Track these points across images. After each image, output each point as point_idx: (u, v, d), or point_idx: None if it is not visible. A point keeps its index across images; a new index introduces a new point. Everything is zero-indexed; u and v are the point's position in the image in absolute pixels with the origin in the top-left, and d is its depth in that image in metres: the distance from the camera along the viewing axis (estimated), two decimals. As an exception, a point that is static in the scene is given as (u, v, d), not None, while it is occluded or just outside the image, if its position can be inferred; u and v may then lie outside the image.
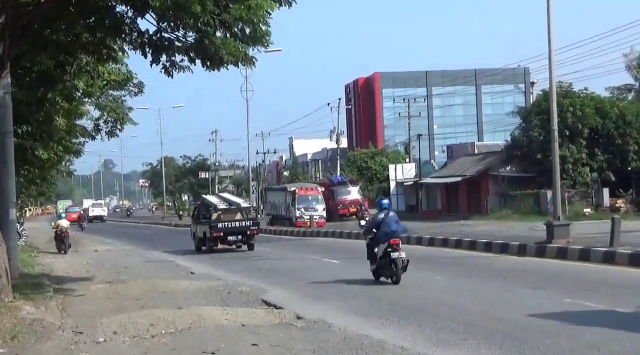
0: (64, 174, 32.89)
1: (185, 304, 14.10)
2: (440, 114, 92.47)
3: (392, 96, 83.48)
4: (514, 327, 10.52)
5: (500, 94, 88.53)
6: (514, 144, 48.49)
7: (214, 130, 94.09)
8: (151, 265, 24.38)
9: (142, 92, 21.61)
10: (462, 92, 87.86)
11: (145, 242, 40.05)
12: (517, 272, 17.99)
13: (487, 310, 12.15)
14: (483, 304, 12.87)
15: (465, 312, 12.05)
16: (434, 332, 10.54)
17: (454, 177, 51.65)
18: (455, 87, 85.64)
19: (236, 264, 23.71)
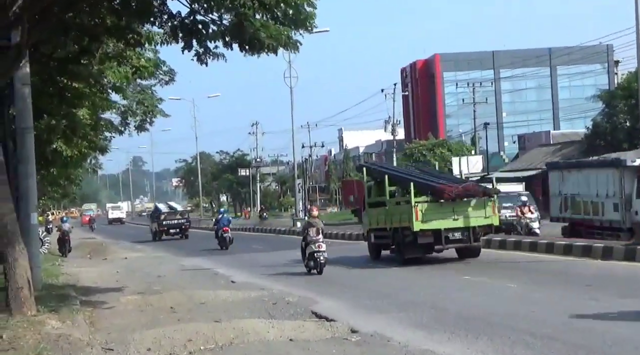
0: (89, 171, 33.45)
1: (226, 316, 14.17)
2: (509, 100, 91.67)
3: (454, 80, 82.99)
4: (601, 342, 10.35)
5: (579, 75, 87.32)
6: (595, 132, 47.85)
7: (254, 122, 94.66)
8: (187, 274, 24.60)
9: (173, 80, 21.83)
10: (534, 74, 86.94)
11: (180, 248, 40.42)
12: (602, 278, 17.71)
13: (569, 322, 11.98)
14: (563, 314, 12.69)
15: (542, 324, 11.90)
16: (507, 347, 10.43)
17: (527, 171, 51.12)
18: (526, 69, 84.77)
19: (282, 272, 23.76)
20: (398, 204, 24.47)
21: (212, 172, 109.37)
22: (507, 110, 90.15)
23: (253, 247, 37.61)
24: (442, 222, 22.90)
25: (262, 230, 56.73)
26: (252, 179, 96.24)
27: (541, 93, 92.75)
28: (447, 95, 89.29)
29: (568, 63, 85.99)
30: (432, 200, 23.01)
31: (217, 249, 35.77)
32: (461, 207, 23.03)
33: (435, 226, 22.85)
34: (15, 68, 14.31)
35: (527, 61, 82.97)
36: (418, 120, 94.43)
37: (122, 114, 24.46)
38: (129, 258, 34.10)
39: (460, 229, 23.11)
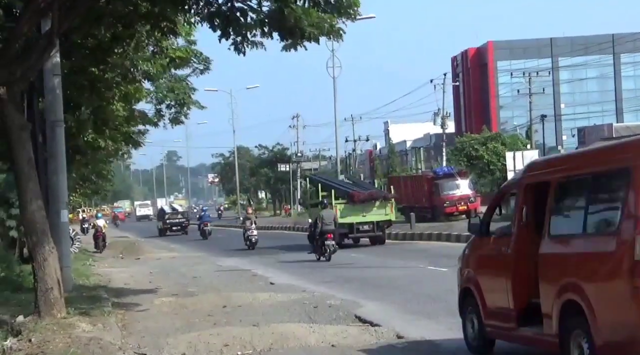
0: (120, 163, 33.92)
1: (265, 320, 14.26)
2: (569, 90, 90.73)
3: (509, 69, 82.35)
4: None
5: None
6: (662, 125, 47.24)
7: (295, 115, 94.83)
8: (224, 275, 24.76)
9: (208, 69, 21.92)
10: (596, 62, 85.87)
11: (216, 248, 40.64)
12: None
13: None
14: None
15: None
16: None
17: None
18: (587, 57, 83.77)
19: (324, 274, 23.84)
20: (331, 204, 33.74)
21: (250, 167, 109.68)
22: (566, 102, 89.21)
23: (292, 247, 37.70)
24: (355, 218, 34.31)
25: (303, 229, 56.76)
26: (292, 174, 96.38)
27: (603, 83, 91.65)
28: (501, 86, 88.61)
29: (633, 50, 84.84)
30: (347, 202, 34.46)
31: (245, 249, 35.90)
32: (368, 207, 34.40)
33: (349, 220, 34.26)
34: (45, 58, 14.51)
35: (588, 49, 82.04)
36: (469, 112, 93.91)
37: (156, 103, 24.65)
38: (162, 258, 34.41)
39: (367, 223, 34.60)
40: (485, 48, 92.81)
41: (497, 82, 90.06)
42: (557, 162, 10.27)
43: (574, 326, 8.71)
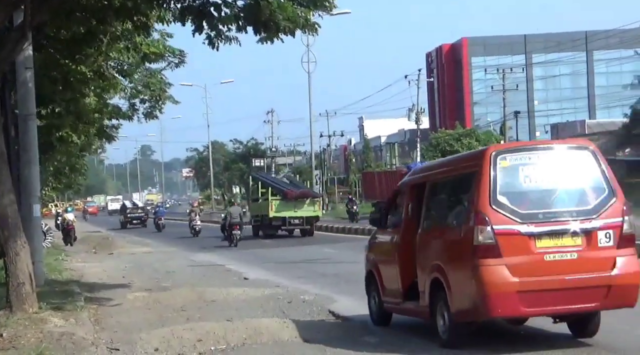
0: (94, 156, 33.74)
1: (239, 315, 14.23)
2: (542, 87, 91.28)
3: (483, 66, 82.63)
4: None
5: (617, 60, 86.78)
6: (635, 121, 47.61)
7: (269, 110, 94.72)
8: (197, 270, 24.71)
9: (183, 62, 21.80)
10: (569, 59, 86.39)
11: (190, 243, 40.56)
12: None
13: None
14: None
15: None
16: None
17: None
18: (560, 54, 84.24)
19: (297, 269, 23.85)
20: (265, 200, 41.40)
21: (224, 162, 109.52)
22: (539, 98, 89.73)
23: (266, 243, 37.70)
24: (287, 212, 40.08)
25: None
26: (267, 169, 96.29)
27: (576, 80, 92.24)
28: (475, 82, 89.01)
29: (605, 47, 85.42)
30: (282, 198, 40.26)
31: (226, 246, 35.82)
32: (300, 204, 40.25)
33: (282, 215, 40.25)
34: (17, 51, 14.39)
35: (561, 45, 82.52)
36: (444, 108, 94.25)
37: (130, 98, 24.51)
38: (136, 253, 34.25)
39: (298, 217, 40.32)
40: (459, 44, 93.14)
41: (471, 79, 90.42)
42: (431, 167, 12.70)
43: (438, 299, 10.72)
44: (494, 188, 10.13)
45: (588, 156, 10.49)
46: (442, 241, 11.01)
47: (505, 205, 10.07)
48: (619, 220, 10.20)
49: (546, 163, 10.41)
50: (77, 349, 11.23)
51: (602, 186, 10.36)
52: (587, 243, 10.11)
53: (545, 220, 10.09)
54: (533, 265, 9.98)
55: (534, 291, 9.93)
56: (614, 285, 10.04)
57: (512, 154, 10.44)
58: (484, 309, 10.01)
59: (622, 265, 10.11)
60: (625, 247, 10.20)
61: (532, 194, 10.30)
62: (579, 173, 10.45)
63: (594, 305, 10.15)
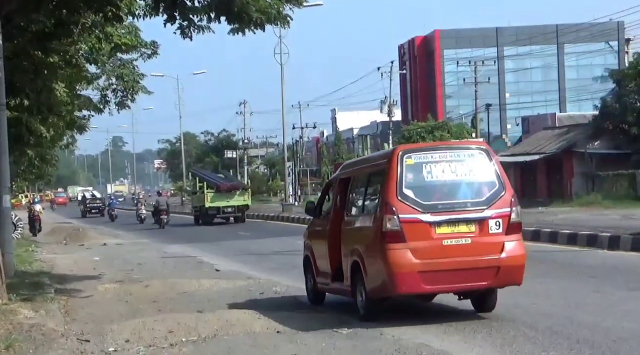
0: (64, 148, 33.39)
1: (210, 307, 14.22)
2: (513, 80, 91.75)
3: (455, 58, 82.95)
4: (605, 336, 10.43)
5: (587, 54, 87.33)
6: (604, 114, 47.90)
7: (242, 101, 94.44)
8: (169, 262, 24.66)
9: (156, 54, 21.68)
10: (540, 52, 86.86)
11: (162, 235, 40.46)
12: (608, 269, 17.81)
13: (572, 315, 12.05)
14: (566, 307, 12.77)
15: (545, 317, 11.97)
16: (506, 341, 10.49)
17: (531, 155, 51.24)
18: (532, 47, 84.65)
19: (269, 261, 23.85)
20: (202, 192, 48.74)
21: (196, 153, 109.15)
22: (511, 91, 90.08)
23: (239, 234, 37.70)
24: (221, 203, 47.85)
25: (249, 216, 56.81)
26: (239, 161, 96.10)
27: (547, 73, 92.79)
28: (447, 74, 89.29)
29: (576, 41, 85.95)
30: (216, 190, 47.95)
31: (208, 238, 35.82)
32: (231, 195, 48.10)
33: (216, 205, 47.98)
34: (-14, 41, 14.22)
35: (533, 38, 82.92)
36: (416, 100, 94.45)
37: (102, 90, 24.33)
38: (108, 244, 34.13)
39: (231, 206, 48.23)
40: (432, 36, 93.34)
41: (443, 71, 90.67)
42: (355, 164, 14.59)
43: (358, 279, 12.30)
44: (401, 182, 11.66)
45: (482, 155, 12.10)
46: (360, 229, 12.56)
47: (410, 197, 11.61)
48: (507, 210, 11.77)
49: (446, 161, 11.93)
50: (47, 340, 11.17)
51: (494, 181, 11.91)
52: (480, 230, 11.67)
53: (444, 210, 11.64)
54: (433, 249, 11.52)
55: (433, 271, 11.50)
56: (502, 266, 11.64)
57: (417, 153, 12.05)
58: (391, 287, 11.59)
59: (510, 249, 11.71)
60: (512, 234, 11.79)
61: (433, 188, 11.82)
62: (474, 170, 11.98)
63: (486, 283, 11.75)
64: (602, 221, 30.12)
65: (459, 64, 73.64)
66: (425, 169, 11.84)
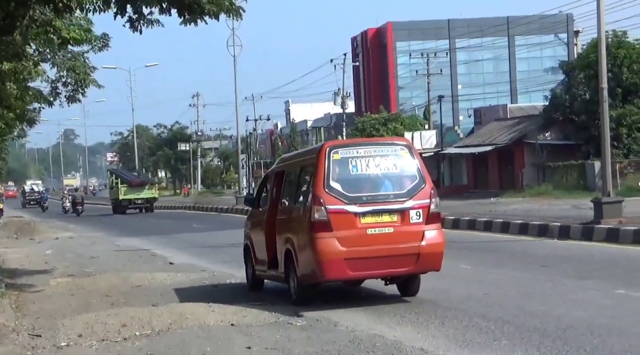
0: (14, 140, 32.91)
1: (164, 300, 14.15)
2: (465, 71, 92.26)
3: (407, 50, 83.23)
4: (555, 325, 10.55)
5: (537, 46, 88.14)
6: (554, 105, 48.41)
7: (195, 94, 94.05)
8: (122, 255, 24.48)
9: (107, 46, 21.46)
10: (491, 44, 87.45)
11: (115, 228, 40.18)
12: (559, 258, 18.03)
13: (523, 304, 12.18)
14: (518, 297, 12.90)
15: (497, 306, 12.09)
16: (459, 331, 10.58)
17: (483, 147, 51.64)
18: (483, 39, 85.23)
19: (223, 253, 23.77)
20: (117, 187, 57.78)
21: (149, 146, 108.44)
22: (463, 83, 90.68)
23: (194, 227, 37.59)
24: (132, 195, 57.09)
25: (204, 209, 56.67)
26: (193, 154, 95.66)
27: (498, 64, 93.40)
28: (400, 66, 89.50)
29: (526, 33, 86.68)
30: (128, 185, 57.33)
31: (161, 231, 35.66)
32: (141, 189, 57.43)
33: (129, 197, 57.15)
34: None
35: (484, 30, 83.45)
36: (369, 92, 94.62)
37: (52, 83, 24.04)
38: (60, 238, 33.80)
39: (141, 199, 57.53)
40: (384, 29, 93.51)
41: (396, 63, 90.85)
42: (289, 158, 15.43)
43: (290, 266, 13.04)
44: (328, 176, 12.38)
45: (405, 151, 12.85)
46: (292, 219, 13.23)
47: (337, 190, 12.33)
48: (427, 202, 12.53)
49: (371, 156, 12.65)
50: (-3, 336, 11.03)
51: (415, 174, 12.66)
52: (402, 220, 12.44)
53: (369, 201, 12.38)
54: (358, 238, 12.27)
55: (358, 258, 12.26)
56: (422, 253, 12.43)
57: (343, 148, 12.79)
58: (319, 273, 12.33)
59: (429, 237, 12.49)
60: (432, 223, 12.59)
61: (358, 181, 12.53)
62: (396, 164, 12.71)
63: (407, 269, 12.59)
64: (553, 211, 30.49)
65: (411, 56, 73.89)
66: (351, 164, 12.55)
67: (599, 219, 22.49)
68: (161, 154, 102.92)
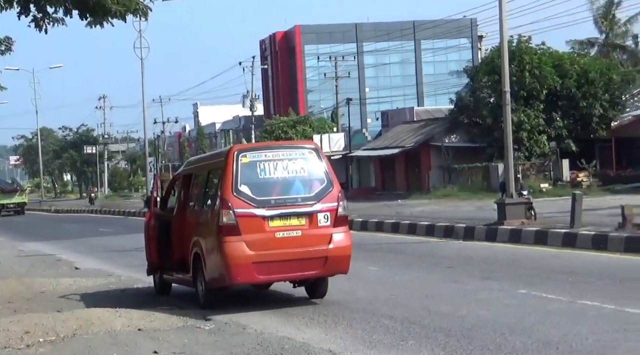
0: None
1: (69, 306, 13.92)
2: (373, 74, 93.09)
3: (316, 53, 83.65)
4: (460, 324, 10.72)
5: (443, 49, 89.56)
6: (460, 108, 49.17)
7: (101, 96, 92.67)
8: (26, 260, 23.96)
9: (10, 50, 21.04)
10: (398, 48, 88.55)
11: (18, 232, 39.32)
12: (463, 259, 18.32)
13: (429, 305, 12.34)
14: (424, 298, 13.06)
15: (403, 307, 12.22)
16: (366, 332, 10.66)
17: (390, 149, 52.20)
18: (390, 43, 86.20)
19: (130, 257, 23.47)
20: None
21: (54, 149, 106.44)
22: (371, 86, 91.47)
23: (100, 231, 36.99)
24: (4, 201, 64.11)
25: (111, 212, 55.87)
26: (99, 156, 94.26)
27: (405, 68, 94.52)
28: (308, 69, 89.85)
29: (432, 37, 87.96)
30: (1, 192, 64.74)
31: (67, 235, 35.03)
32: (12, 195, 65.10)
33: (2, 202, 64.01)
34: None
35: (391, 34, 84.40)
36: (278, 95, 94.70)
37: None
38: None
39: (12, 204, 64.34)
40: (292, 32, 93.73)
41: (305, 66, 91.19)
42: (196, 161, 15.44)
43: (198, 269, 12.94)
44: (236, 179, 12.31)
45: (312, 154, 12.87)
46: (200, 223, 13.21)
47: (245, 193, 12.28)
48: (335, 205, 12.56)
49: (279, 159, 12.65)
50: None
51: (323, 178, 12.68)
52: (310, 223, 12.47)
53: (277, 205, 12.39)
54: (266, 241, 12.25)
55: (266, 262, 12.24)
56: (330, 256, 12.47)
57: (251, 152, 12.76)
58: (227, 277, 12.28)
59: (337, 240, 12.54)
60: (339, 226, 12.65)
61: (266, 184, 12.51)
62: (304, 167, 12.71)
63: (316, 272, 12.59)
64: (458, 212, 31.00)
65: (319, 59, 74.28)
66: (259, 167, 12.52)
67: (502, 220, 22.94)
68: (67, 157, 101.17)
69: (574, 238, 19.27)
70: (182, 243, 13.85)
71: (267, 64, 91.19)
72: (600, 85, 45.97)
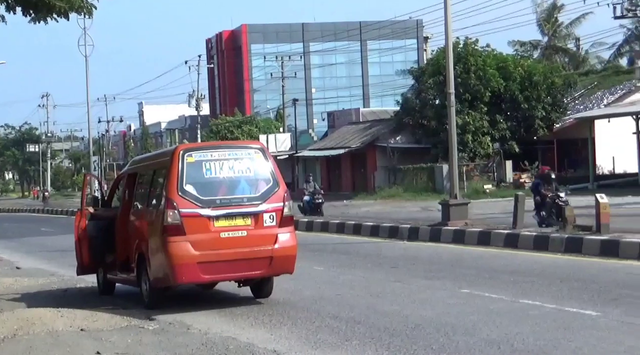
0: None
1: (9, 306, 13.70)
2: (319, 75, 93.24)
3: (262, 53, 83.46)
4: (404, 324, 10.79)
5: (389, 51, 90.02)
6: (405, 109, 49.46)
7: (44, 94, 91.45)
8: (-34, 260, 23.55)
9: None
10: (345, 48, 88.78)
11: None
12: (408, 259, 18.43)
13: (374, 304, 12.40)
14: (369, 297, 13.12)
15: (348, 307, 12.26)
16: (311, 332, 10.68)
17: (336, 150, 52.35)
18: (336, 43, 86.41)
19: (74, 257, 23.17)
20: None
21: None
22: (317, 86, 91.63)
23: (42, 230, 36.55)
24: None
25: (53, 212, 55.21)
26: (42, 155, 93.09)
27: (351, 68, 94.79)
28: (255, 69, 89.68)
29: (378, 38, 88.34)
30: None
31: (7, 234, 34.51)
32: None
33: None
34: None
35: (337, 34, 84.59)
36: (224, 94, 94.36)
37: None
38: None
39: None
40: (239, 31, 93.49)
41: (251, 66, 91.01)
42: (141, 160, 15.33)
43: (142, 270, 12.87)
44: (182, 179, 12.24)
45: (259, 154, 12.86)
46: (144, 222, 13.12)
47: (190, 193, 12.21)
48: (280, 205, 12.57)
49: (225, 159, 12.58)
50: None
51: (269, 178, 12.68)
52: (255, 223, 12.46)
53: (222, 205, 12.33)
54: (211, 241, 12.20)
55: (211, 262, 12.20)
56: (275, 256, 12.48)
57: (197, 151, 12.70)
58: (172, 277, 12.25)
59: (283, 240, 12.55)
60: (285, 226, 12.64)
61: (212, 184, 12.45)
62: (251, 167, 12.69)
63: (261, 272, 12.62)
64: (403, 213, 31.18)
65: (266, 58, 74.14)
66: (205, 167, 12.46)
67: (446, 220, 23.11)
68: (9, 155, 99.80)
69: (516, 239, 19.49)
70: (127, 242, 13.73)
71: (214, 63, 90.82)
72: (543, 88, 46.59)
